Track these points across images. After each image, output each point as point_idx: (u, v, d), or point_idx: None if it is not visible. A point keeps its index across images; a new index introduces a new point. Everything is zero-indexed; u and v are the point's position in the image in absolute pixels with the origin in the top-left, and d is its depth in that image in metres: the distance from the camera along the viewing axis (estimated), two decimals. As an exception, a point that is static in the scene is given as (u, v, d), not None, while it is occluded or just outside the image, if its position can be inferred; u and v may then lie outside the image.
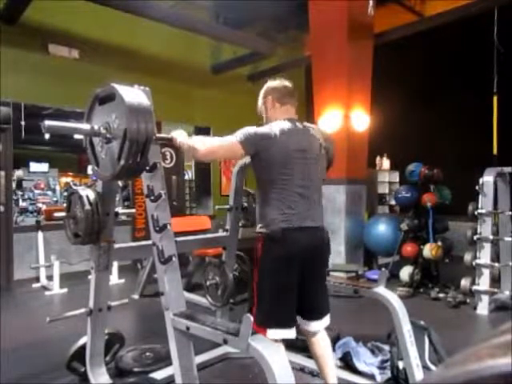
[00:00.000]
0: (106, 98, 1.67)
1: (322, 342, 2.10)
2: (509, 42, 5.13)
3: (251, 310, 1.93)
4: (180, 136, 1.93)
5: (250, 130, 1.91)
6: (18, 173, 6.32)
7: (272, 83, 2.15)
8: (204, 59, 7.21)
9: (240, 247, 2.97)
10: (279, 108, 2.09)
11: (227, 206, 2.89)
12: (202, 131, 7.00)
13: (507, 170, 4.12)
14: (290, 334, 1.90)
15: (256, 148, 1.89)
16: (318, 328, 2.08)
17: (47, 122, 1.57)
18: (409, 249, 4.82)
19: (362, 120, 5.45)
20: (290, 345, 2.93)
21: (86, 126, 1.70)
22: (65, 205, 2.32)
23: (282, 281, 1.88)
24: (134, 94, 1.63)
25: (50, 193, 7.27)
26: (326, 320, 2.09)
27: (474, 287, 4.05)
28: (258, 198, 2.04)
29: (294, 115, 2.11)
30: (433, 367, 2.50)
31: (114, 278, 5.15)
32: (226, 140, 1.89)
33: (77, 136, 8.53)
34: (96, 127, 1.68)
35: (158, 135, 1.81)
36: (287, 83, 2.15)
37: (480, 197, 4.09)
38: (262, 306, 1.89)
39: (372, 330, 3.15)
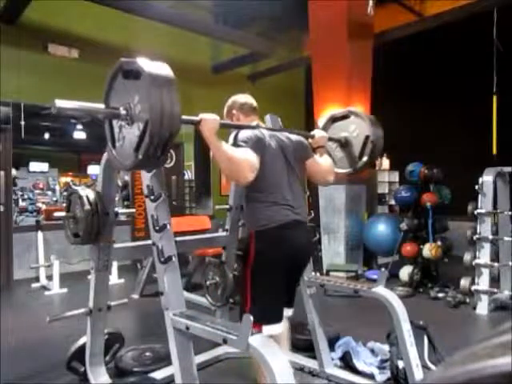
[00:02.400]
0: (130, 73, 1.45)
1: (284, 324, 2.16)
2: (509, 42, 5.13)
3: (243, 309, 1.93)
4: (209, 121, 1.73)
5: (247, 134, 1.87)
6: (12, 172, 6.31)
7: (235, 97, 2.21)
8: (204, 59, 7.21)
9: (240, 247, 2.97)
10: (244, 119, 2.13)
11: (227, 206, 2.89)
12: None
13: (507, 169, 4.12)
14: (280, 328, 1.96)
15: (260, 151, 1.86)
16: (289, 313, 2.18)
17: (58, 102, 1.38)
18: (408, 248, 4.83)
19: (361, 120, 5.44)
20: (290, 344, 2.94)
21: (103, 106, 1.50)
22: (64, 205, 2.32)
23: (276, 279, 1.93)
24: (163, 78, 1.40)
25: (49, 193, 7.27)
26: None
27: (474, 287, 4.05)
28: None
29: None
30: (433, 367, 2.50)
31: (114, 278, 5.15)
32: (241, 149, 1.80)
33: (77, 136, 8.55)
34: (116, 107, 1.46)
35: (183, 117, 1.57)
36: (250, 99, 2.21)
37: (479, 197, 4.09)
38: (258, 303, 1.89)
39: (372, 329, 3.15)
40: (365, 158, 2.34)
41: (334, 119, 2.51)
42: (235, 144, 1.83)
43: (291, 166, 2.00)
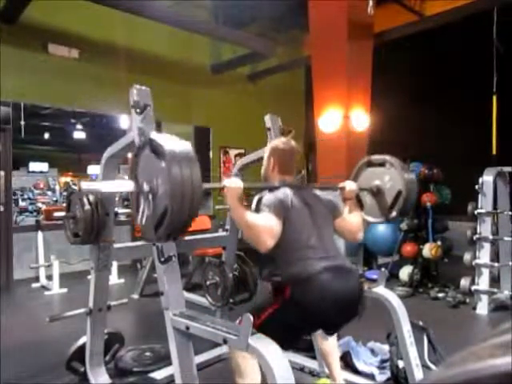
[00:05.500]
0: (157, 150, 1.43)
1: (331, 340, 2.26)
2: (509, 42, 5.14)
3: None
4: (232, 188, 1.76)
5: (269, 199, 1.84)
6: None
7: (278, 143, 2.08)
8: (204, 59, 7.21)
9: (240, 247, 2.97)
10: (276, 176, 2.05)
11: (227, 206, 2.88)
12: (201, 131, 6.99)
13: (507, 169, 4.13)
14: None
15: (283, 214, 1.82)
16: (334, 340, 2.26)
17: (84, 185, 1.51)
18: (408, 248, 4.83)
19: (361, 120, 5.45)
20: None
21: (129, 183, 1.54)
22: (64, 205, 2.32)
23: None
24: (186, 162, 1.38)
25: (49, 193, 7.27)
26: None
27: (474, 287, 4.05)
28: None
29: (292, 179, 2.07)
30: (433, 367, 2.50)
31: (114, 278, 5.15)
32: (263, 215, 1.79)
33: (77, 136, 8.55)
34: (140, 182, 1.49)
35: (206, 185, 1.58)
36: (292, 145, 2.07)
37: (480, 196, 4.09)
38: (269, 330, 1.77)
39: (371, 329, 3.14)
40: (394, 213, 2.28)
41: (369, 164, 2.44)
42: (258, 208, 1.83)
43: (318, 224, 1.93)
